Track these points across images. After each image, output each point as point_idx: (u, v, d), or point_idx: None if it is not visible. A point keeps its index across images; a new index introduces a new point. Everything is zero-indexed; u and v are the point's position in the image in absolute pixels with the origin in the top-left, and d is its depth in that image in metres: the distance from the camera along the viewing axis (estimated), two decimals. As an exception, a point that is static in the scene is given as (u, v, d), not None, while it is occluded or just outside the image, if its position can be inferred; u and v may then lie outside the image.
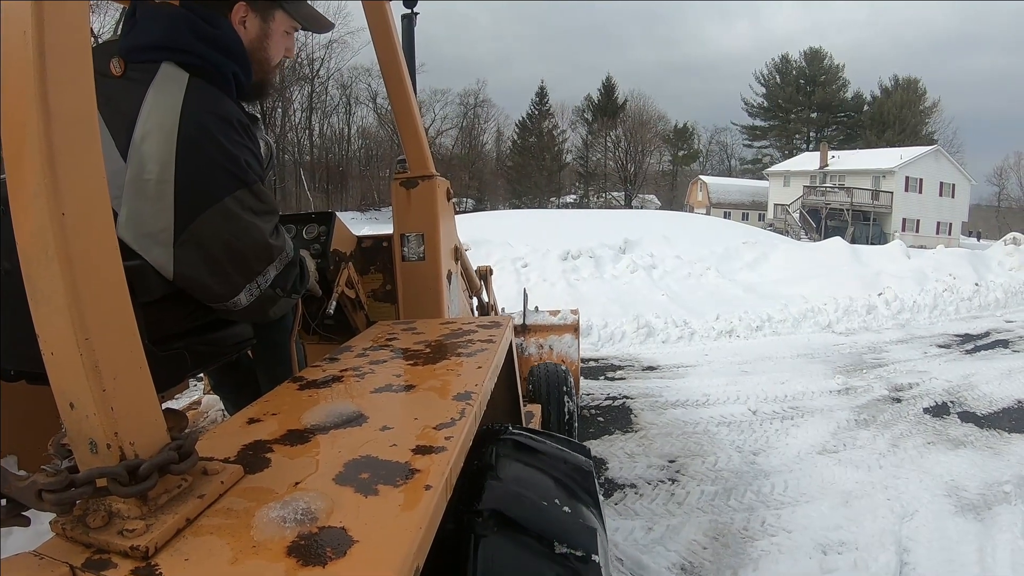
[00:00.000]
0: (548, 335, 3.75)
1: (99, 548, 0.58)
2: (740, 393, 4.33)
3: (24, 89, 0.56)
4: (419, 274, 1.85)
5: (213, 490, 0.67)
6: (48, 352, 0.59)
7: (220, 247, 1.00)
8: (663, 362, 5.25)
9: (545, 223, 14.65)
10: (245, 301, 1.06)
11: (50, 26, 0.56)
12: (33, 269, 0.58)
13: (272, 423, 0.90)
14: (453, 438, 0.82)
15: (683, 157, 55.75)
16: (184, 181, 0.96)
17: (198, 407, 2.36)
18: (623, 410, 4.08)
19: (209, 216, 0.98)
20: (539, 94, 53.05)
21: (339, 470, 0.73)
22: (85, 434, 0.60)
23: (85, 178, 0.60)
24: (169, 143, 0.95)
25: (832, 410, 4.01)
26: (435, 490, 0.69)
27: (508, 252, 9.72)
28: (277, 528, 0.61)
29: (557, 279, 8.67)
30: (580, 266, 9.29)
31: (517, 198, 48.01)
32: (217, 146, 0.99)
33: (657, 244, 11.09)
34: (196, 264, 0.99)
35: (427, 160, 1.88)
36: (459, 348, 1.28)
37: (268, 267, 1.07)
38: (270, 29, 1.18)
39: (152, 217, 0.95)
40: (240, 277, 1.04)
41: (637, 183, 49.96)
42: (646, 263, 9.41)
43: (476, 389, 1.00)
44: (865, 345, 5.82)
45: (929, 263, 9.11)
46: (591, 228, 13.34)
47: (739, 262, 10.01)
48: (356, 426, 0.87)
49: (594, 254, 9.78)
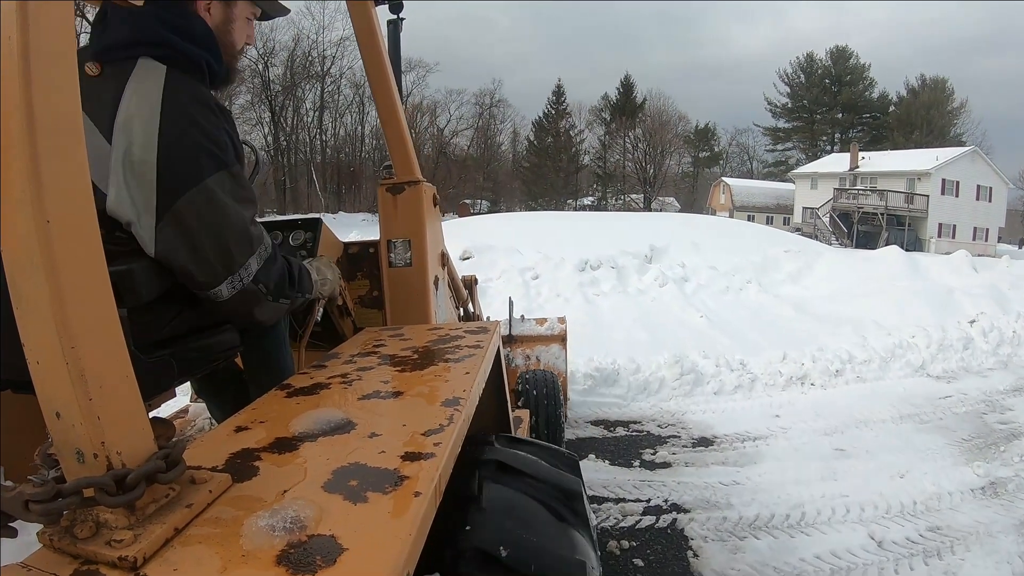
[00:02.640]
0: (535, 345, 3.72)
1: (87, 559, 0.58)
2: (846, 498, 2.95)
3: (8, 94, 0.55)
4: (406, 280, 1.86)
5: (201, 499, 0.67)
6: (34, 361, 0.59)
7: (202, 230, 1.01)
8: (720, 428, 3.93)
9: (559, 227, 13.19)
10: (227, 293, 1.06)
11: (34, 31, 0.56)
12: (18, 277, 0.58)
13: (260, 431, 0.89)
14: (442, 444, 0.82)
15: (704, 159, 55.01)
16: (166, 161, 0.98)
17: (185, 415, 2.37)
18: (673, 540, 2.63)
19: (191, 196, 0.99)
20: (556, 93, 52.08)
21: (328, 478, 0.73)
22: (72, 444, 0.60)
23: (70, 185, 0.59)
24: (151, 124, 0.98)
25: (992, 534, 2.65)
26: (424, 496, 0.69)
27: (516, 260, 8.67)
28: (266, 537, 0.61)
29: (573, 293, 7.56)
30: (600, 278, 8.15)
31: (533, 200, 47.47)
32: (198, 128, 1.02)
33: (686, 252, 9.93)
34: (177, 246, 1.00)
35: (413, 166, 1.89)
36: (447, 354, 1.28)
37: (250, 259, 1.08)
38: (233, 14, 1.22)
39: (137, 197, 0.97)
40: (221, 267, 1.05)
41: (656, 185, 49.37)
42: (676, 274, 8.33)
43: (464, 395, 1.01)
44: (978, 397, 4.54)
45: (1003, 278, 7.88)
46: (611, 233, 11.93)
47: (780, 273, 8.87)
48: (344, 433, 0.87)
49: (616, 264, 8.67)
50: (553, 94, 52.31)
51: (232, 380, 1.53)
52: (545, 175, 48.62)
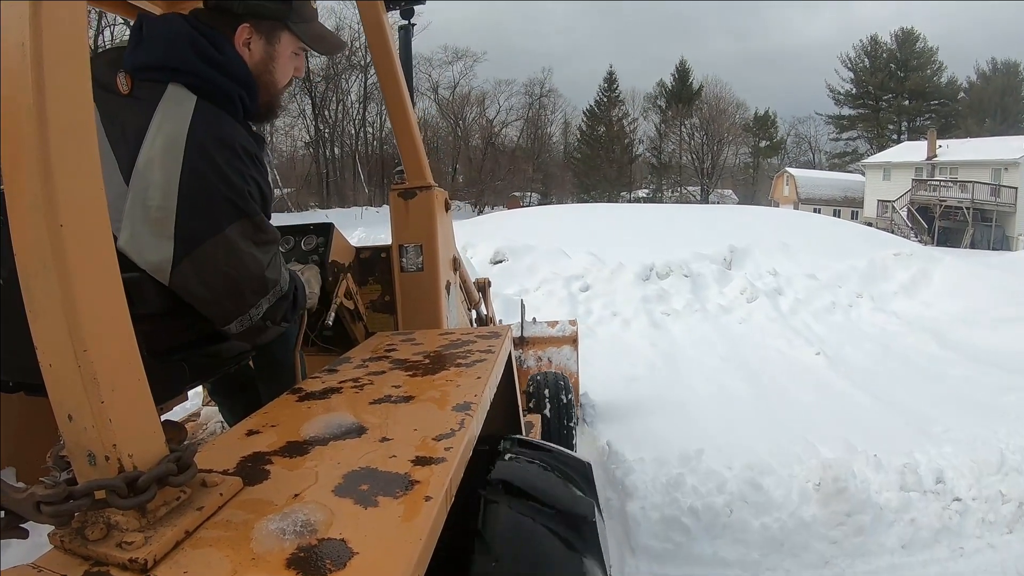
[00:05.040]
0: (546, 347, 3.76)
1: (98, 560, 0.58)
2: None
3: (21, 99, 0.56)
4: (417, 285, 1.86)
5: (212, 502, 0.67)
6: (46, 364, 0.59)
7: (217, 277, 1.00)
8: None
9: (615, 222, 10.79)
10: (236, 330, 1.06)
11: (47, 36, 0.56)
12: (31, 280, 0.58)
13: (271, 435, 0.90)
14: (453, 449, 0.82)
15: (765, 149, 52.31)
16: (186, 211, 0.95)
17: (197, 419, 2.39)
18: None
19: (209, 246, 0.98)
20: (608, 79, 49.26)
21: (338, 482, 0.73)
22: (83, 446, 0.60)
23: (83, 189, 0.60)
24: (173, 171, 0.95)
25: None
26: (435, 501, 0.69)
27: (561, 266, 6.92)
28: (276, 540, 0.61)
29: (634, 312, 5.83)
30: (669, 290, 6.44)
31: (585, 192, 45.28)
32: (221, 176, 0.98)
33: (775, 255, 8.02)
34: (192, 286, 0.99)
35: (425, 171, 1.90)
36: (458, 359, 1.29)
37: (261, 300, 1.07)
38: (276, 51, 1.15)
39: (153, 243, 0.96)
40: (233, 308, 1.04)
41: (714, 177, 47.43)
42: (767, 285, 6.65)
43: (475, 399, 1.01)
44: None
45: None
46: (679, 230, 9.60)
47: (890, 283, 7.11)
48: (355, 437, 0.87)
49: (689, 270, 6.88)
50: (605, 81, 49.65)
51: (245, 383, 1.53)
52: (598, 166, 46.74)
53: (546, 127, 50.23)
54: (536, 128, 49.04)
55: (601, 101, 50.11)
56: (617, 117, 49.62)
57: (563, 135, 52.20)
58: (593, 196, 43.59)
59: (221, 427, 2.18)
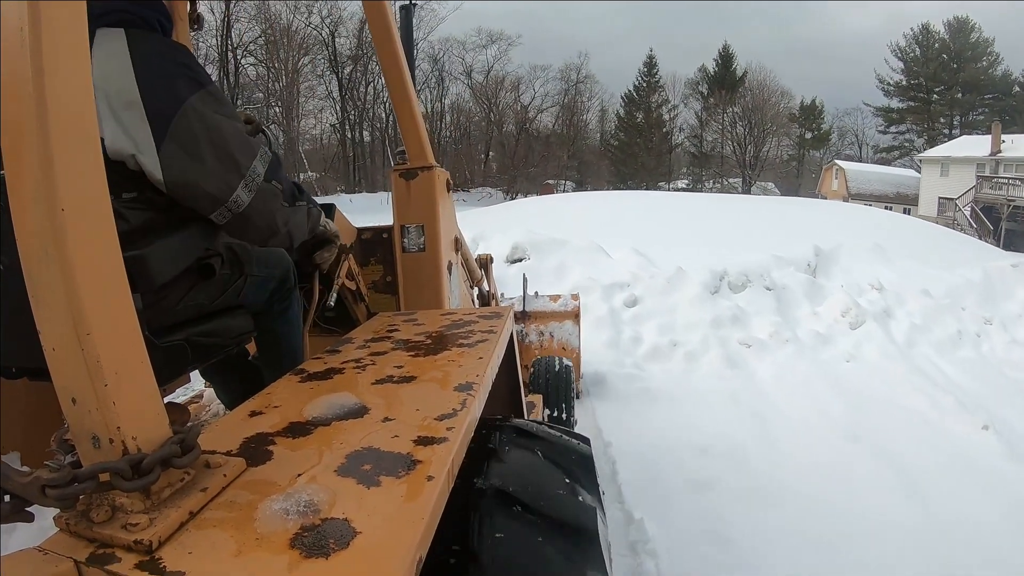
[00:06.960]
0: (548, 322, 3.78)
1: (103, 542, 0.59)
2: None
3: (22, 86, 0.56)
4: (419, 265, 1.87)
5: (216, 483, 0.68)
6: (49, 348, 0.60)
7: (201, 142, 1.03)
8: None
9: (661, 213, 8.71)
10: (246, 197, 1.08)
11: (47, 23, 0.56)
12: (33, 265, 0.58)
13: (274, 415, 0.90)
14: (455, 429, 0.82)
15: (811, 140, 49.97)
16: (149, 94, 1.00)
17: (200, 400, 2.40)
18: None
19: (181, 118, 1.02)
20: (647, 64, 46.16)
21: (341, 462, 0.74)
22: (87, 429, 0.61)
23: (84, 174, 0.60)
24: (126, 69, 1.00)
25: None
26: (437, 481, 0.69)
27: (599, 269, 5.30)
28: (280, 520, 0.62)
29: (702, 339, 4.35)
30: (747, 309, 4.81)
31: (622, 182, 43.76)
32: (169, 60, 1.05)
33: (869, 260, 6.27)
34: (184, 166, 1.02)
35: (426, 151, 1.90)
36: (460, 339, 1.29)
37: (254, 162, 1.10)
38: None
39: (132, 131, 1.00)
40: (231, 173, 1.07)
41: (757, 168, 45.67)
42: (873, 304, 5.00)
43: (477, 380, 1.01)
44: None
45: None
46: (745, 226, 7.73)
47: (1013, 301, 5.46)
48: (358, 418, 0.88)
49: (771, 280, 5.24)
50: (644, 65, 47.14)
51: (238, 362, 1.54)
52: (635, 154, 45.18)
53: (582, 114, 49.03)
54: (572, 114, 48.01)
55: (640, 86, 48.16)
56: (656, 103, 47.98)
57: (599, 123, 50.92)
58: (630, 186, 42.40)
59: (224, 409, 2.27)
